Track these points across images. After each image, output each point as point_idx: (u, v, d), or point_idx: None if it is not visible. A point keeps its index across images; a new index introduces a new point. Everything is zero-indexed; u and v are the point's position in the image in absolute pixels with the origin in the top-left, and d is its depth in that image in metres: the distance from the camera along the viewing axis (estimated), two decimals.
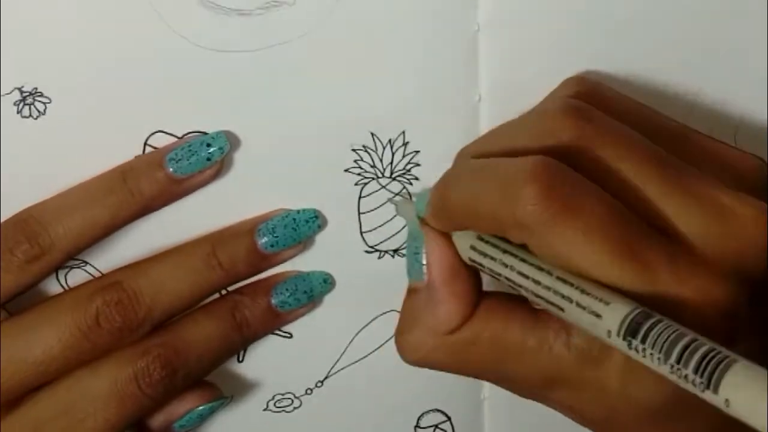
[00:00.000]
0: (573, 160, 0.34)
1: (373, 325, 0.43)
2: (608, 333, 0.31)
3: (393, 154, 0.41)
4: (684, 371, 0.29)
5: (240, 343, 0.42)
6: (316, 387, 0.44)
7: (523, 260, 0.34)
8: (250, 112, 0.39)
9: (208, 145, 0.39)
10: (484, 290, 0.37)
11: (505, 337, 0.35)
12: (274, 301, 0.41)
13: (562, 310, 0.32)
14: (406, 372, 0.39)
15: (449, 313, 0.36)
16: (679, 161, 0.35)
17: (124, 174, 0.38)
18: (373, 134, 0.40)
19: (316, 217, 0.41)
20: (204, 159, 0.39)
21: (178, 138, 0.39)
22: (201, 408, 0.41)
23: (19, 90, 0.37)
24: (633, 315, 0.30)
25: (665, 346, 0.29)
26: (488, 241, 0.35)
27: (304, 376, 0.44)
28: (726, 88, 0.41)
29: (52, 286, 0.40)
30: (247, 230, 0.40)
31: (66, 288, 0.40)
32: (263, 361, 0.43)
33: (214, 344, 0.40)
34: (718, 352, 0.29)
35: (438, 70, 0.39)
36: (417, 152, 0.41)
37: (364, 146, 0.40)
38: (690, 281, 0.32)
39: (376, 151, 0.40)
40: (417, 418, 0.45)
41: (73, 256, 0.39)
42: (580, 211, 0.32)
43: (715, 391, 0.28)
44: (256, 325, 0.41)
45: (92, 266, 0.40)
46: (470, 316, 0.36)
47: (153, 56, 0.37)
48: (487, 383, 0.41)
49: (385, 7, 0.38)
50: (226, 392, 0.42)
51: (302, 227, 0.41)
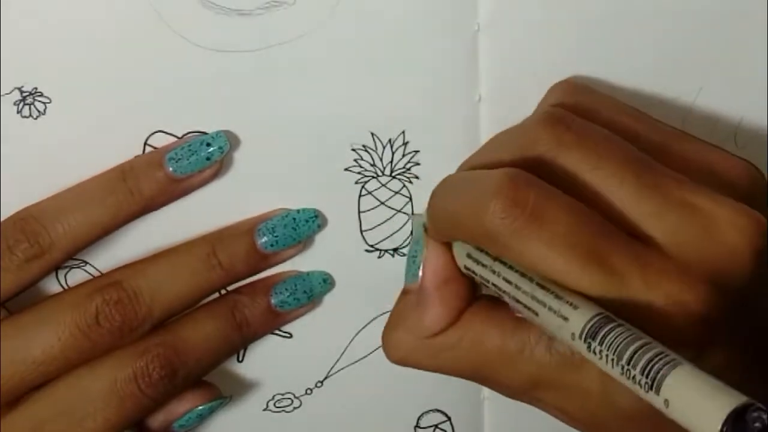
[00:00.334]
0: (550, 169, 0.34)
1: (373, 325, 0.43)
2: (572, 336, 0.31)
3: (393, 154, 0.41)
4: (632, 372, 0.29)
5: (240, 343, 0.41)
6: (316, 387, 0.44)
7: (510, 267, 0.34)
8: (250, 112, 0.39)
9: (208, 145, 0.39)
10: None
11: (484, 342, 0.36)
12: (273, 300, 0.41)
13: (536, 314, 0.33)
14: (406, 372, 0.39)
15: (434, 316, 0.37)
16: (658, 165, 0.35)
17: (123, 173, 0.38)
18: (373, 134, 0.40)
19: (316, 216, 0.41)
20: (204, 159, 0.39)
21: (178, 138, 0.39)
22: (200, 408, 0.41)
23: (19, 90, 0.37)
24: (596, 319, 0.31)
25: (619, 349, 0.30)
26: (482, 250, 0.35)
27: (304, 376, 0.44)
28: (726, 89, 0.41)
29: (52, 286, 0.40)
30: (247, 230, 0.40)
31: (66, 288, 0.40)
32: (263, 361, 0.43)
33: (213, 344, 0.40)
34: (666, 355, 0.29)
35: (438, 70, 0.39)
36: (417, 152, 0.41)
37: (364, 146, 0.40)
38: (659, 286, 0.32)
39: (376, 150, 0.40)
40: (417, 418, 0.45)
41: (72, 256, 0.39)
42: (546, 222, 0.33)
43: (657, 392, 0.28)
44: (256, 324, 0.41)
45: (92, 266, 0.40)
46: (455, 322, 0.37)
47: (153, 56, 0.38)
48: None
49: (385, 7, 0.38)
50: (226, 392, 0.42)
51: (302, 227, 0.41)
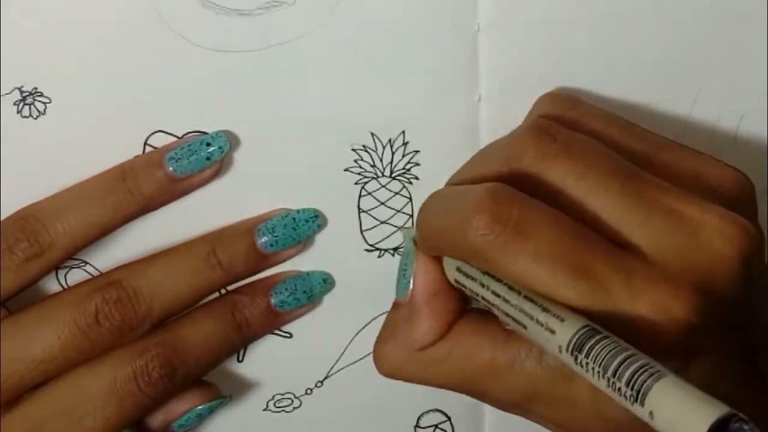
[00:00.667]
0: (536, 180, 0.34)
1: (373, 325, 0.43)
2: (560, 348, 0.31)
3: (393, 154, 0.41)
4: (618, 384, 0.29)
5: (239, 343, 0.42)
6: (316, 387, 0.44)
7: (498, 280, 0.34)
8: (250, 112, 0.39)
9: (208, 145, 0.39)
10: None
11: (474, 355, 0.36)
12: (273, 300, 0.41)
13: (525, 327, 0.33)
14: None
15: (424, 330, 0.37)
16: (645, 174, 0.34)
17: (123, 173, 0.38)
18: (373, 134, 0.40)
19: (316, 216, 0.41)
20: (203, 158, 0.39)
21: (178, 138, 0.39)
22: (200, 407, 0.41)
23: (19, 90, 0.37)
24: (582, 331, 0.31)
25: (604, 361, 0.30)
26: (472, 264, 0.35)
27: (303, 375, 0.44)
28: (726, 89, 0.41)
29: (52, 286, 0.40)
30: (247, 230, 0.40)
31: (65, 287, 0.40)
32: (263, 361, 0.43)
33: (213, 344, 0.40)
34: (651, 367, 0.29)
35: (438, 70, 0.39)
36: (417, 152, 0.41)
37: (364, 146, 0.40)
38: (644, 294, 0.32)
39: (376, 150, 0.40)
40: (417, 418, 0.45)
41: (72, 255, 0.39)
42: (529, 236, 0.33)
43: (642, 403, 0.28)
44: (256, 324, 0.41)
45: (92, 266, 0.40)
46: (445, 335, 0.37)
47: (153, 56, 0.38)
48: None
49: (385, 7, 0.38)
50: (226, 392, 0.42)
51: (302, 227, 0.41)
